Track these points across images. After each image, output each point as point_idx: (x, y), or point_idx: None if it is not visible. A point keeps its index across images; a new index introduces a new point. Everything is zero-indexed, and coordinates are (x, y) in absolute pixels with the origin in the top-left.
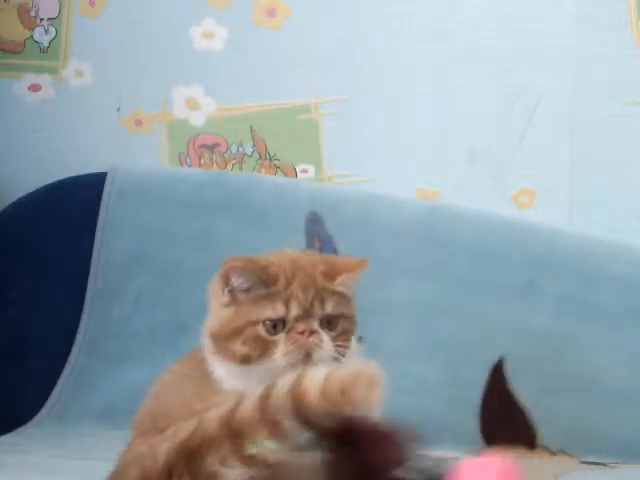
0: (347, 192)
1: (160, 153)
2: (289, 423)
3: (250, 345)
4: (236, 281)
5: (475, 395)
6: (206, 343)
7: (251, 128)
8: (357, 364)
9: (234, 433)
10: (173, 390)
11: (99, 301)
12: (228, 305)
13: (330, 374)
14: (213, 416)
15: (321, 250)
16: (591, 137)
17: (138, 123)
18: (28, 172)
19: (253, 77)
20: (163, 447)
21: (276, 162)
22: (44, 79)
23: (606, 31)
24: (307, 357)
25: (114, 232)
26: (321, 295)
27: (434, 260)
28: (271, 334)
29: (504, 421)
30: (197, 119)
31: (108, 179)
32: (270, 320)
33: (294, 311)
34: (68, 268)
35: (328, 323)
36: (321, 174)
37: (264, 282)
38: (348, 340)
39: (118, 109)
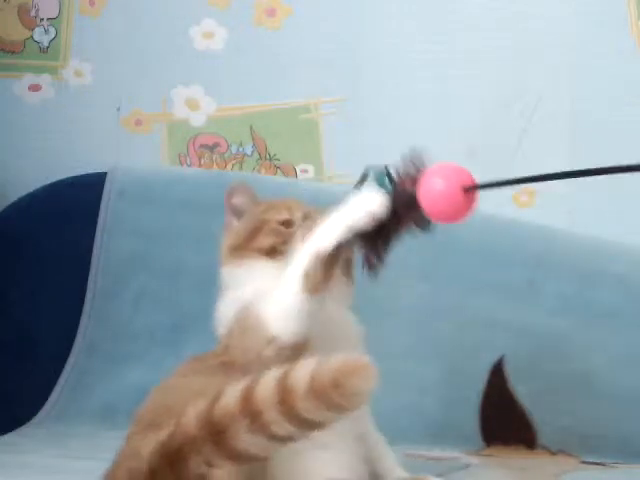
0: (347, 192)
1: (160, 153)
2: (271, 415)
3: (273, 235)
4: (238, 201)
5: (475, 395)
6: (224, 271)
7: (251, 128)
8: (346, 355)
9: (214, 429)
10: (180, 388)
11: (99, 301)
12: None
13: (319, 365)
14: (191, 414)
15: None
16: (591, 137)
17: (138, 123)
18: (28, 172)
19: (253, 77)
20: (148, 448)
21: (276, 162)
22: (44, 79)
23: (606, 31)
24: None
25: (114, 232)
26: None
27: (434, 260)
28: (287, 228)
29: (504, 421)
30: (197, 119)
31: (108, 179)
32: (278, 221)
33: (298, 213)
34: (68, 268)
35: None
36: (321, 174)
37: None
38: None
39: (118, 109)
